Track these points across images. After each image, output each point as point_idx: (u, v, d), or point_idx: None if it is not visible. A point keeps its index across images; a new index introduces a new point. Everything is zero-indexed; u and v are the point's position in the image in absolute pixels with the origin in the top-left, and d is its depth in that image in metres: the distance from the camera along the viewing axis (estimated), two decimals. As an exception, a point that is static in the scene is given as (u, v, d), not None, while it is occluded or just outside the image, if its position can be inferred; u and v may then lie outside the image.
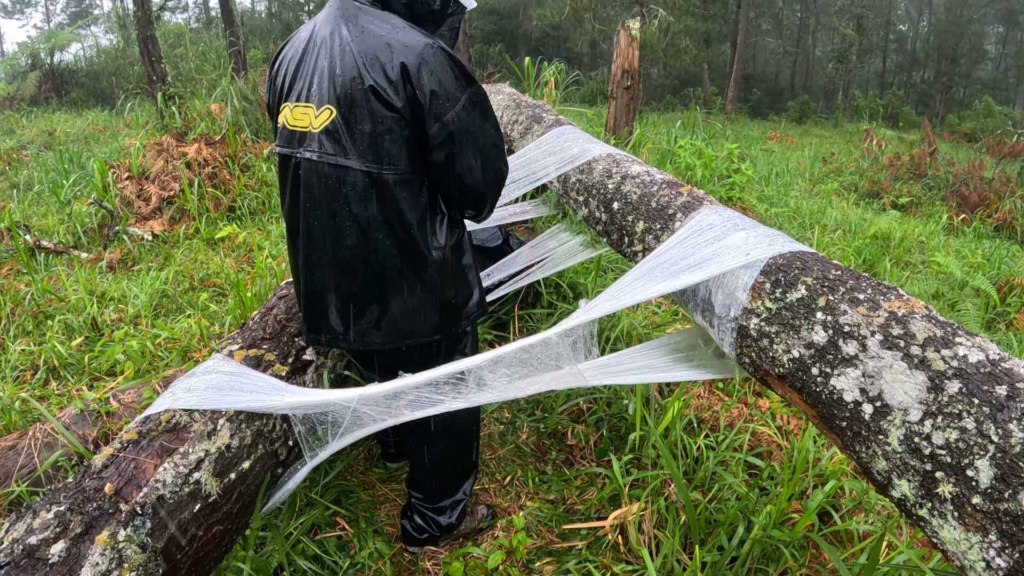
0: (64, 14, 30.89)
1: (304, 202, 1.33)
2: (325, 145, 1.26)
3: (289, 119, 1.31)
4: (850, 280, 1.07)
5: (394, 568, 1.62)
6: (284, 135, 1.33)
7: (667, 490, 1.75)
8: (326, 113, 1.25)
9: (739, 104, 19.62)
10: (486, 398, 1.37)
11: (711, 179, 4.95)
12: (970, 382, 0.84)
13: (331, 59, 1.25)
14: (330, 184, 1.28)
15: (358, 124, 1.23)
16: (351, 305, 1.38)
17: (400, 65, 1.20)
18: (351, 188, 1.27)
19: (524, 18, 25.57)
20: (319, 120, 1.26)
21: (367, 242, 1.31)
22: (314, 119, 1.26)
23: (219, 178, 4.44)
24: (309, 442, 1.43)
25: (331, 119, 1.24)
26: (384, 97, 1.21)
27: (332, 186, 1.28)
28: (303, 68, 1.31)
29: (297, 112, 1.30)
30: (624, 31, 4.66)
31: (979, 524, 0.78)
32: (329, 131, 1.25)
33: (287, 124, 1.32)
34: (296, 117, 1.30)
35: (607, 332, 2.43)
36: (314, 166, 1.28)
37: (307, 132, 1.28)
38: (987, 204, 6.67)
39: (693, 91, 20.52)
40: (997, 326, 3.55)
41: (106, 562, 1.02)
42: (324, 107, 1.25)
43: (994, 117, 19.01)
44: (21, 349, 2.40)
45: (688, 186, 1.60)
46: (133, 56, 12.45)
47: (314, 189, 1.30)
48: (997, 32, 35.05)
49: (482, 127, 1.31)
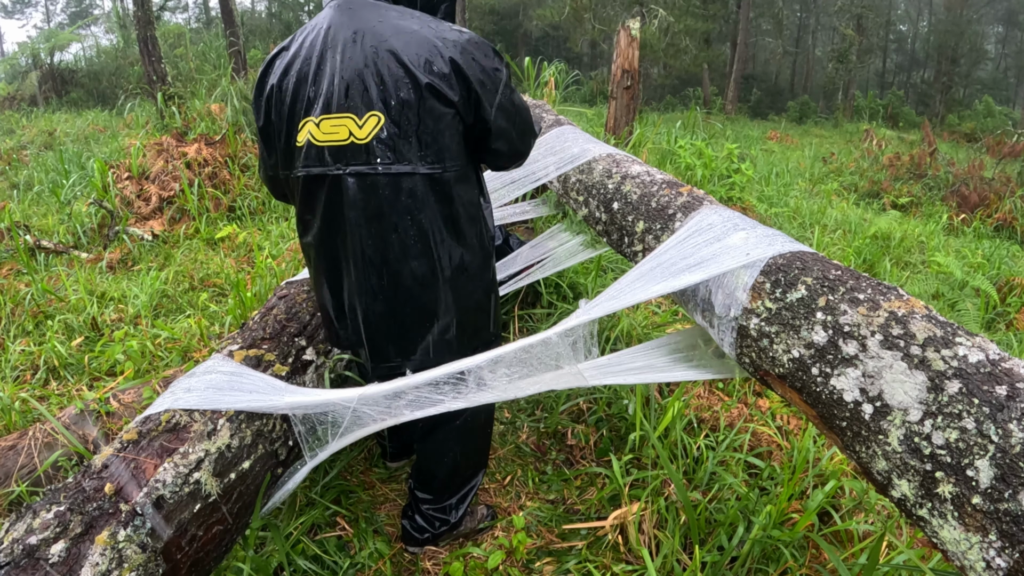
0: (64, 14, 30.90)
1: (352, 223, 1.22)
2: (379, 154, 1.17)
3: (316, 135, 1.19)
4: (850, 280, 1.07)
5: (394, 568, 1.62)
6: (311, 154, 1.21)
7: (667, 490, 1.75)
8: (373, 120, 1.16)
9: (739, 104, 19.62)
10: (486, 398, 1.37)
11: (711, 179, 4.95)
12: (970, 382, 0.84)
13: (365, 61, 1.16)
14: (387, 196, 1.19)
15: (414, 126, 1.17)
16: (430, 321, 1.33)
17: (450, 60, 1.17)
18: (409, 196, 1.20)
19: (524, 18, 25.58)
20: (365, 129, 1.16)
21: (434, 251, 1.25)
22: (357, 129, 1.17)
23: (219, 178, 4.44)
24: (309, 442, 1.43)
25: (380, 125, 1.16)
26: (441, 93, 1.16)
27: (389, 198, 1.19)
28: (322, 76, 1.19)
29: (326, 125, 1.18)
30: (624, 31, 4.66)
31: (979, 524, 0.78)
32: (381, 138, 1.16)
33: (313, 140, 1.19)
34: (326, 131, 1.18)
35: (607, 332, 2.43)
36: (366, 180, 1.18)
37: (348, 145, 1.18)
38: (987, 204, 6.67)
39: (693, 91, 20.52)
40: (997, 326, 3.55)
41: (106, 562, 1.02)
42: (369, 114, 1.16)
43: (994, 117, 19.01)
44: (21, 349, 2.40)
45: (688, 186, 1.60)
46: (133, 56, 12.45)
47: (366, 206, 1.20)
48: (997, 32, 35.05)
49: (520, 99, 1.33)
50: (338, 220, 1.24)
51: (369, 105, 1.16)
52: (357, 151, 1.18)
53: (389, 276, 1.27)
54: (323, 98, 1.19)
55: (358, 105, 1.16)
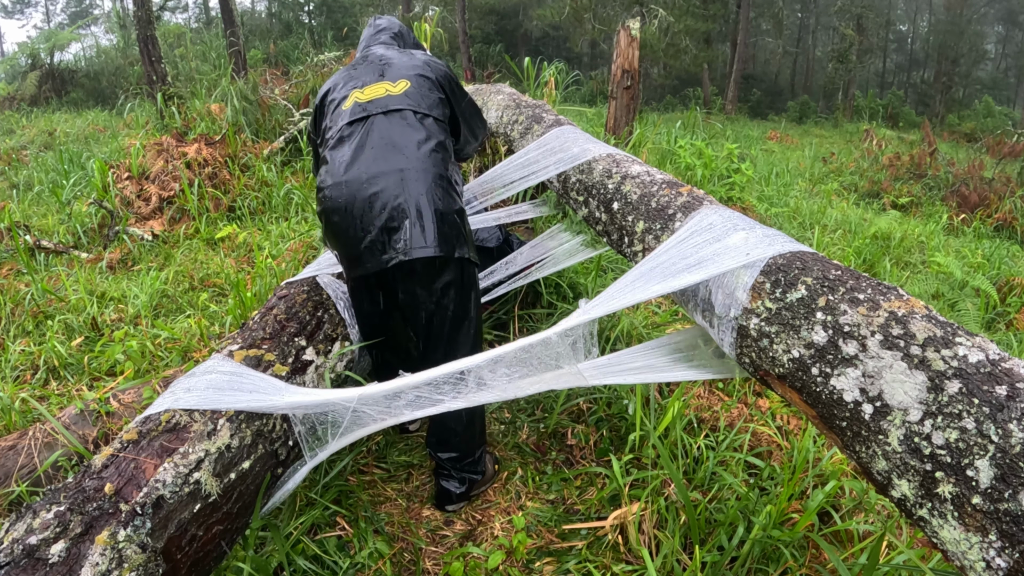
0: (64, 14, 30.88)
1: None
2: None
3: (360, 98, 1.82)
4: (850, 280, 1.07)
5: (394, 568, 1.62)
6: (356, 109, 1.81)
7: (667, 490, 1.75)
8: (403, 83, 1.84)
9: (739, 104, 19.61)
10: (486, 398, 1.37)
11: (711, 179, 4.95)
12: (970, 382, 0.84)
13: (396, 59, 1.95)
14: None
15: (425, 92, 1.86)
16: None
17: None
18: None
19: (524, 18, 25.58)
20: (398, 87, 1.83)
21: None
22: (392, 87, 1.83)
23: (219, 178, 4.44)
24: (309, 442, 1.43)
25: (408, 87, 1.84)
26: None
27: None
28: (358, 73, 1.92)
29: (368, 91, 1.83)
30: (624, 31, 4.66)
31: (979, 524, 0.78)
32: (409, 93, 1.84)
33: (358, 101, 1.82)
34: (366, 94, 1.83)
35: (607, 332, 2.43)
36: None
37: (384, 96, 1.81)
38: (987, 204, 6.67)
39: (693, 91, 20.51)
40: (997, 326, 3.55)
41: (106, 562, 1.02)
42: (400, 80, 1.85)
43: (994, 117, 19.01)
44: (21, 349, 2.40)
45: (688, 186, 1.60)
46: (133, 56, 12.45)
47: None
48: (997, 32, 35.05)
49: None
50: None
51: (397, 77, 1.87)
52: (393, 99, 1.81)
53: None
54: (361, 80, 1.88)
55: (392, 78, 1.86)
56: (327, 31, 19.25)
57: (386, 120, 1.77)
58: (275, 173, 4.69)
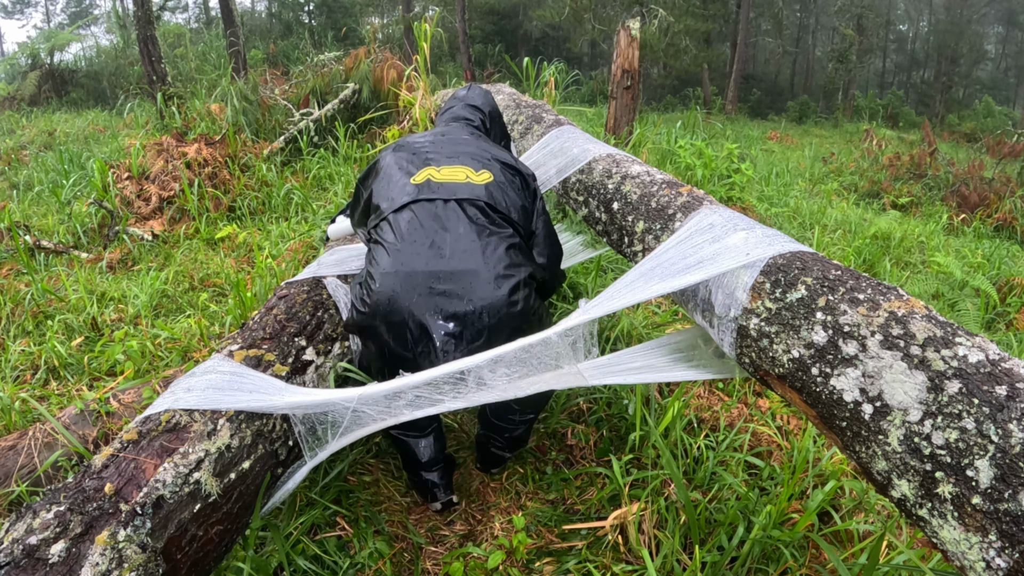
0: (64, 14, 30.86)
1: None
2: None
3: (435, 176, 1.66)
4: (850, 280, 1.07)
5: (394, 568, 1.62)
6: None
7: (667, 490, 1.74)
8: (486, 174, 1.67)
9: (739, 104, 19.60)
10: (486, 398, 1.37)
11: (711, 179, 4.95)
12: (970, 382, 0.84)
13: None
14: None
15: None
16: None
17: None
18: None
19: (524, 18, 25.57)
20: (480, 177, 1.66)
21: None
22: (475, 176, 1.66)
23: (219, 178, 4.44)
24: (309, 442, 1.43)
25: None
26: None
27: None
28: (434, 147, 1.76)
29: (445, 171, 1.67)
30: (624, 31, 4.66)
31: (979, 524, 0.78)
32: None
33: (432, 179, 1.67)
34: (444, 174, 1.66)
35: (607, 332, 2.43)
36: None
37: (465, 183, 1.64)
38: (987, 204, 6.67)
39: (693, 91, 20.50)
40: (997, 326, 3.55)
41: (106, 562, 1.02)
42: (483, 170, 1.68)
43: (994, 117, 19.00)
44: (21, 349, 2.40)
45: (688, 186, 1.60)
46: (133, 56, 12.43)
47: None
48: (997, 32, 35.05)
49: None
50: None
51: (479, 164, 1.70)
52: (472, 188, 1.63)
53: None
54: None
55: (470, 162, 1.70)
56: (327, 31, 19.25)
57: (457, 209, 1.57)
58: (275, 173, 4.69)
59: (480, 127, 1.98)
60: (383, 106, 5.47)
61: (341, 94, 5.72)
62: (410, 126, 4.49)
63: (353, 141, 5.15)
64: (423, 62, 4.21)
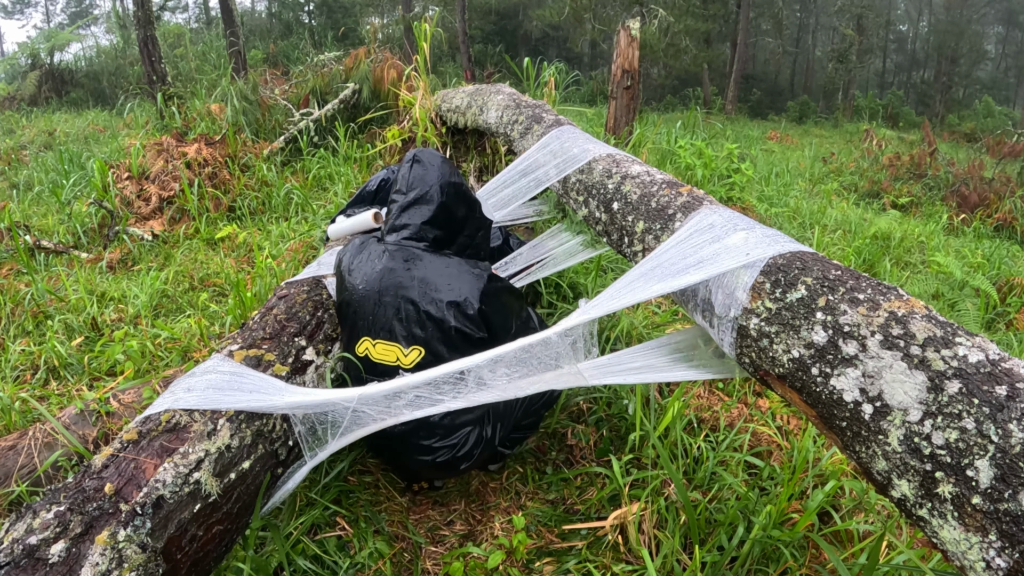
0: (64, 14, 30.86)
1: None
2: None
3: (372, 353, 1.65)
4: (850, 280, 1.07)
5: (394, 568, 1.62)
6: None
7: (667, 490, 1.74)
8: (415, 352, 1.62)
9: (739, 104, 19.60)
10: (486, 398, 1.37)
11: (711, 179, 4.95)
12: (970, 382, 0.84)
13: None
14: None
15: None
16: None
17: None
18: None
19: (524, 18, 25.57)
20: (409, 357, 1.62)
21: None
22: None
23: (219, 178, 4.44)
24: (309, 442, 1.43)
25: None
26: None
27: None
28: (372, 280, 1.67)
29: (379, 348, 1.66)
30: (624, 31, 4.66)
31: (979, 524, 0.78)
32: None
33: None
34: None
35: (607, 332, 2.43)
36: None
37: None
38: (987, 204, 6.67)
39: (693, 91, 20.49)
40: (997, 326, 3.55)
41: (106, 562, 1.02)
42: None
43: (994, 117, 19.00)
44: (21, 349, 2.40)
45: (688, 186, 1.59)
46: (133, 56, 12.44)
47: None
48: (997, 32, 35.05)
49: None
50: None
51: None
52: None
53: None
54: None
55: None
56: (327, 31, 19.25)
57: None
58: (275, 173, 4.69)
59: (433, 242, 1.72)
60: (383, 106, 5.48)
61: (341, 94, 5.72)
62: (410, 126, 4.49)
63: (353, 141, 5.16)
64: (423, 62, 4.21)
